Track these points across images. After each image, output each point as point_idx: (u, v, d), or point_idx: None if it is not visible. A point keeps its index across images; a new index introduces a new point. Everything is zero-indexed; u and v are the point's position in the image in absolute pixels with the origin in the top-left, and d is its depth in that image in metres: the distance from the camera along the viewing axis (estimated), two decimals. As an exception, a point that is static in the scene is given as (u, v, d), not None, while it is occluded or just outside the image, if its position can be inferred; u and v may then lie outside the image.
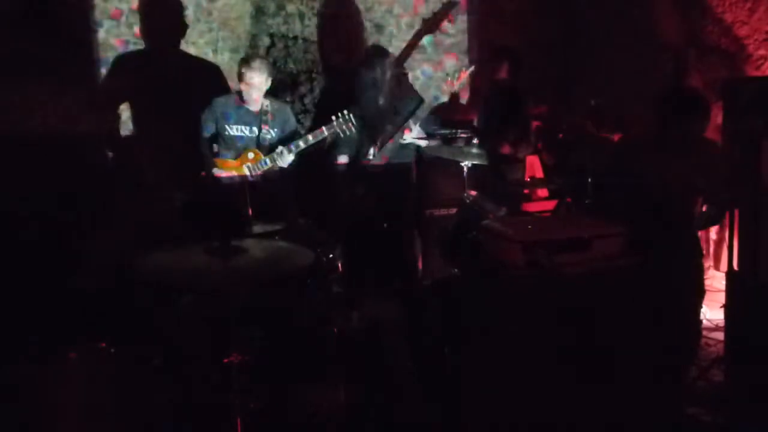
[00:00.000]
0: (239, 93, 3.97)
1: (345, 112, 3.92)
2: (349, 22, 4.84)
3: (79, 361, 2.15)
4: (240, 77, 3.90)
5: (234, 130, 3.96)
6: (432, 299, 3.46)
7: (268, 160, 3.90)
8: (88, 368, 2.16)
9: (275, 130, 4.00)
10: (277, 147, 3.93)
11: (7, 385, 2.10)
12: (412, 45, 4.64)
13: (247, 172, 3.90)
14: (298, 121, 4.33)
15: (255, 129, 3.96)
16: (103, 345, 2.20)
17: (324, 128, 3.90)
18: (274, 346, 2.61)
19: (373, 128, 4.23)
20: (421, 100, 4.38)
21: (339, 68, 4.77)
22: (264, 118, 3.95)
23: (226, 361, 2.21)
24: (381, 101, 4.24)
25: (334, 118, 3.91)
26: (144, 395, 2.20)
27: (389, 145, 4.21)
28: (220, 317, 2.40)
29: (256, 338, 2.56)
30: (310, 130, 4.02)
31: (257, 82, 3.87)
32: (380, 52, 4.38)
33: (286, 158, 3.91)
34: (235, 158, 3.93)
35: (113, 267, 2.79)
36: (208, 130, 4.02)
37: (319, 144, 4.00)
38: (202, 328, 2.53)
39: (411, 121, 4.26)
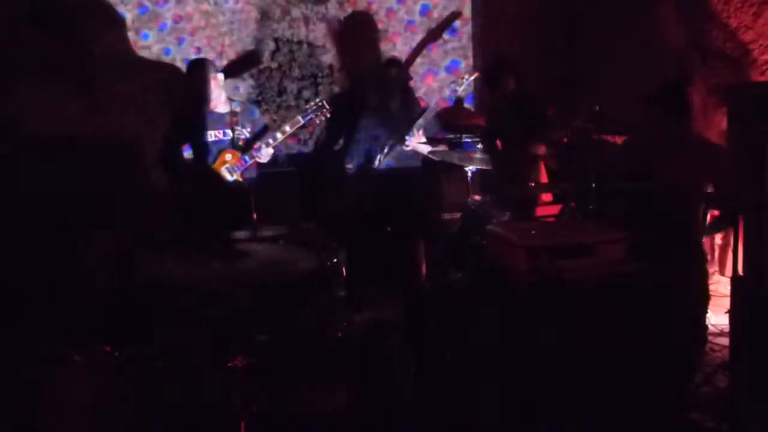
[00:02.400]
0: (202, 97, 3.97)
1: (318, 99, 3.94)
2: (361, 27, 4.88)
3: (82, 364, 2.16)
4: (198, 82, 3.93)
5: (210, 136, 3.97)
6: (435, 303, 3.46)
7: (247, 158, 3.92)
8: (91, 371, 2.17)
9: (246, 129, 4.02)
10: (252, 143, 3.95)
11: (11, 388, 2.11)
12: (417, 53, 4.75)
13: (227, 174, 3.91)
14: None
15: (228, 131, 3.97)
16: (108, 348, 2.20)
17: (299, 117, 3.92)
18: (277, 350, 2.62)
19: (381, 136, 4.26)
20: (425, 109, 4.43)
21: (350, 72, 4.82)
22: (234, 119, 3.96)
23: (229, 364, 2.21)
24: (392, 110, 4.29)
25: (308, 106, 3.93)
26: (147, 398, 2.20)
27: (395, 151, 4.23)
28: (224, 321, 2.41)
29: (259, 342, 2.56)
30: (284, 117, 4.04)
31: (218, 90, 3.91)
32: (394, 63, 4.45)
33: (267, 153, 3.93)
34: (213, 162, 3.94)
35: (117, 270, 2.79)
36: (186, 148, 4.06)
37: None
38: (206, 331, 2.53)
39: (415, 128, 4.30)
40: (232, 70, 4.59)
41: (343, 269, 3.21)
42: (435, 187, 4.58)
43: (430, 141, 4.40)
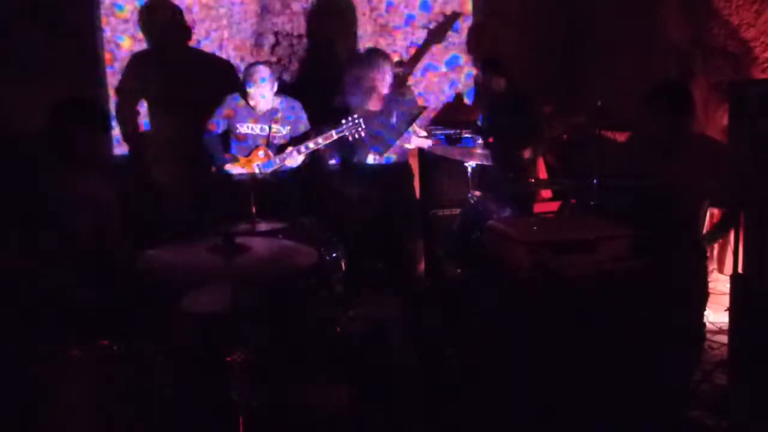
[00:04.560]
0: (246, 92, 3.96)
1: (355, 116, 3.89)
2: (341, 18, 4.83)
3: (81, 359, 2.14)
4: (244, 85, 3.92)
5: (245, 128, 3.96)
6: (435, 300, 3.46)
7: (277, 160, 3.90)
8: (90, 366, 2.16)
9: (287, 128, 4.00)
10: (287, 146, 3.93)
11: (10, 383, 2.10)
12: (419, 55, 4.81)
13: (256, 171, 3.90)
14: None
15: (266, 128, 3.96)
16: (106, 343, 2.19)
17: (333, 132, 3.88)
18: (276, 345, 2.61)
19: (368, 132, 4.21)
20: (423, 108, 4.40)
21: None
22: (275, 116, 3.95)
23: (228, 359, 2.20)
24: (383, 108, 4.20)
25: (344, 121, 3.88)
26: (146, 393, 2.19)
27: (394, 147, 4.20)
28: (223, 315, 2.40)
29: (258, 337, 2.55)
30: (318, 129, 4.00)
31: (261, 92, 3.88)
32: (380, 54, 4.33)
33: (295, 159, 3.90)
34: (246, 156, 3.93)
35: (116, 264, 2.78)
36: (220, 127, 4.03)
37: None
38: (205, 326, 2.52)
39: (416, 125, 4.28)
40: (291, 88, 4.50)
41: (343, 264, 3.20)
42: (431, 183, 4.55)
43: (431, 138, 4.38)
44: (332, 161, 4.33)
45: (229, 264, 2.09)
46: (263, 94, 3.90)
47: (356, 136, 3.91)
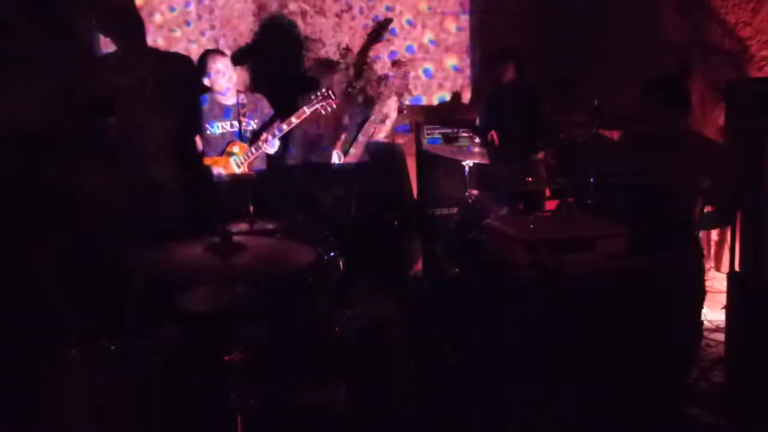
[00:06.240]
0: (210, 89, 3.98)
1: (324, 89, 3.94)
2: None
3: (79, 359, 2.15)
4: (207, 72, 3.92)
5: (216, 128, 3.98)
6: (433, 299, 3.46)
7: (254, 149, 3.92)
8: (88, 365, 2.16)
9: (255, 120, 4.03)
10: (259, 135, 3.95)
11: (8, 382, 2.10)
12: (362, 57, 4.84)
13: (235, 166, 3.91)
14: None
15: (235, 123, 3.98)
16: (106, 342, 2.19)
17: (305, 108, 3.92)
18: (275, 345, 2.61)
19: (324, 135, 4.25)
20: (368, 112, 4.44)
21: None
22: (242, 110, 3.97)
23: (226, 359, 2.20)
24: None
25: (313, 96, 3.92)
26: (146, 393, 2.20)
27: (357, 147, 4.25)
28: (221, 315, 2.40)
29: (256, 336, 2.55)
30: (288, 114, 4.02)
31: (222, 76, 3.89)
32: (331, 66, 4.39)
33: (273, 144, 3.94)
34: (220, 154, 3.94)
35: (114, 263, 2.78)
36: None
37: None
38: (204, 325, 2.52)
39: (385, 122, 4.31)
40: (240, 59, 4.56)
41: (341, 264, 3.21)
42: (429, 181, 4.56)
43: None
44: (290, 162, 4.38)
45: (228, 263, 2.09)
46: (225, 78, 3.90)
47: (328, 108, 3.93)
